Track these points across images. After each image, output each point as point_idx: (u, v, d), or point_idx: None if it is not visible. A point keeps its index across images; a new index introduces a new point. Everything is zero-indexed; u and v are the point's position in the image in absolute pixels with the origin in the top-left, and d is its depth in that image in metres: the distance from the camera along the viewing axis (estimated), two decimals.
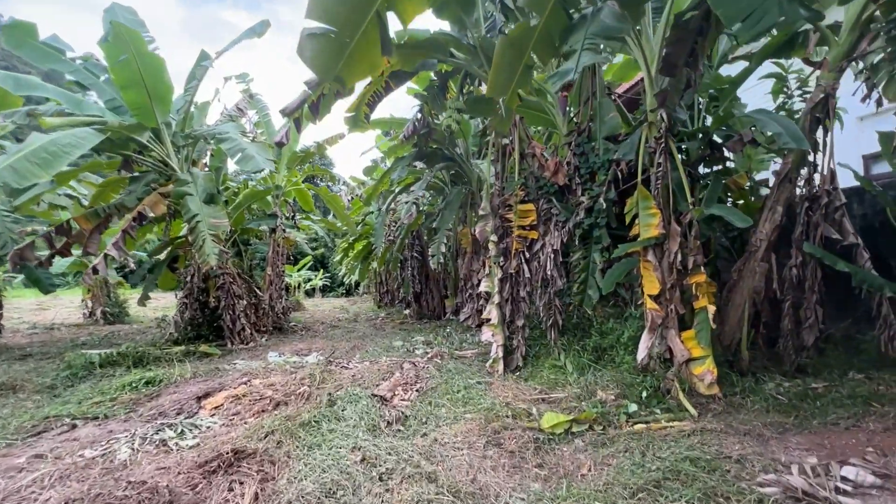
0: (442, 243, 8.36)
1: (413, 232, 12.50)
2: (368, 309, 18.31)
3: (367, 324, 12.65)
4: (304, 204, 12.33)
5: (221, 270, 8.10)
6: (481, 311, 9.94)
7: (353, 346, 8.34)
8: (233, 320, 8.20)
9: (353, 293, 29.60)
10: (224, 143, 6.54)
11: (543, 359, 5.22)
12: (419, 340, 8.27)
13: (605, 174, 5.11)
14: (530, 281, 5.43)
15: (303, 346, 8.42)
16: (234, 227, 10.28)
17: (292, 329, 10.33)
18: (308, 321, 13.59)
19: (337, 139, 9.94)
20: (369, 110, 7.29)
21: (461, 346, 7.11)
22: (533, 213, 5.31)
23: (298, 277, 21.83)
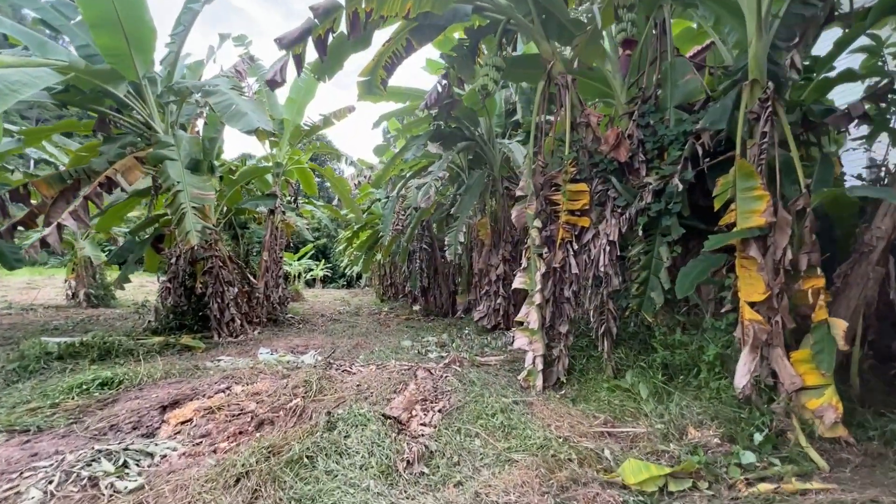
0: (461, 232, 7.37)
1: (423, 222, 11.52)
2: (371, 302, 17.37)
3: (371, 319, 11.70)
4: (306, 186, 11.34)
5: (209, 253, 7.13)
6: (499, 309, 8.99)
7: (355, 345, 7.37)
8: (221, 309, 7.24)
9: (354, 285, 28.67)
10: (212, 97, 5.54)
11: (593, 375, 4.24)
12: (431, 341, 7.29)
13: (680, 149, 4.10)
14: (577, 278, 4.44)
15: (299, 341, 7.46)
16: (229, 205, 9.31)
17: (289, 321, 9.38)
18: (307, 313, 12.65)
19: (346, 112, 8.94)
20: (386, 74, 6.27)
21: (482, 351, 6.13)
22: (586, 195, 4.32)
23: (299, 266, 20.89)
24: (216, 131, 8.26)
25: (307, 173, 10.89)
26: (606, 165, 4.37)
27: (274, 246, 9.28)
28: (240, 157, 9.98)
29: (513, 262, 8.97)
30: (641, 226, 4.24)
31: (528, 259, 4.59)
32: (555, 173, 4.47)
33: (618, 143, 4.28)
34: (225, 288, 7.27)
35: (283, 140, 9.31)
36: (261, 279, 8.75)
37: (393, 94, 8.14)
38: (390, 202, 9.80)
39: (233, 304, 7.35)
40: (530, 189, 4.51)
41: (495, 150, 8.77)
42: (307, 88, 9.39)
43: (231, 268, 7.70)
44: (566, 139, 4.46)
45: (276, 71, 4.36)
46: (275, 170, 9.51)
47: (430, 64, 8.75)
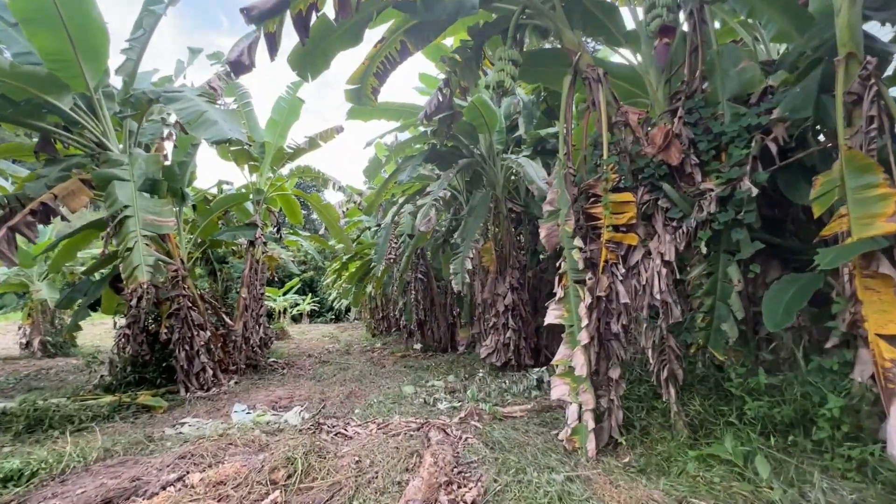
0: (467, 258, 6.52)
1: (417, 250, 10.67)
2: (362, 338, 16.25)
3: (363, 358, 10.62)
4: (290, 215, 10.44)
5: (176, 292, 6.12)
6: (508, 344, 8.03)
7: (349, 394, 6.32)
8: (189, 358, 6.16)
9: (343, 319, 27.43)
10: (175, 104, 4.68)
11: (659, 433, 3.31)
12: (438, 387, 6.29)
13: (746, 147, 3.37)
14: (627, 309, 3.59)
15: (283, 392, 6.38)
16: (204, 237, 8.34)
17: (271, 367, 8.27)
18: (292, 353, 11.50)
19: (333, 133, 8.21)
20: (378, 83, 5.56)
21: (502, 399, 5.15)
22: (632, 206, 3.53)
23: (284, 302, 19.67)
24: (187, 155, 7.39)
25: (291, 201, 10.02)
26: (654, 170, 3.60)
27: (254, 281, 8.28)
28: (216, 185, 9.08)
29: (521, 290, 8.12)
30: (703, 242, 3.44)
31: (563, 288, 3.73)
32: (592, 182, 3.68)
33: (667, 143, 3.53)
34: (194, 332, 6.22)
35: (264, 164, 8.48)
36: (239, 320, 7.70)
37: (385, 110, 7.44)
38: (383, 229, 8.95)
39: (203, 351, 6.28)
40: (564, 202, 3.70)
41: (497, 169, 8.06)
42: (291, 108, 8.67)
43: (203, 308, 6.66)
44: (603, 141, 3.71)
45: (241, 50, 3.52)
46: (255, 197, 8.63)
47: (423, 79, 8.13)
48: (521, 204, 8.36)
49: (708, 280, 3.54)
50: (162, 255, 4.79)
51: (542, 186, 5.51)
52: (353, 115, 7.42)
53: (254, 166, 8.24)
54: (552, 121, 8.18)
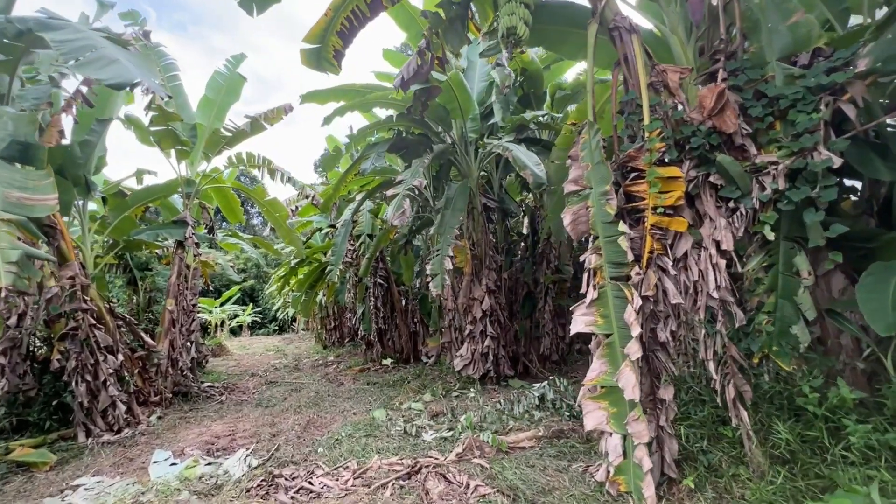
0: (447, 258, 5.62)
1: (378, 252, 9.64)
2: (311, 350, 14.81)
3: (317, 374, 9.38)
4: (229, 213, 8.99)
5: (73, 305, 4.68)
6: (487, 354, 7.21)
7: (306, 424, 5.19)
8: (92, 392, 4.73)
9: (288, 330, 25.47)
10: (53, 33, 3.36)
11: (730, 469, 2.60)
12: (416, 409, 5.31)
13: (814, 111, 2.78)
14: (676, 312, 2.88)
15: (221, 427, 5.10)
16: (117, 238, 6.79)
17: (206, 393, 6.85)
18: (232, 374, 9.96)
19: (281, 114, 6.98)
20: (342, 44, 4.57)
21: (503, 425, 4.27)
22: (680, 184, 2.84)
23: (221, 313, 17.63)
24: (92, 133, 5.90)
25: (229, 196, 8.60)
26: (704, 140, 2.93)
27: (184, 290, 6.84)
28: (135, 174, 7.53)
29: (498, 293, 7.37)
30: (767, 226, 2.80)
31: (597, 287, 2.95)
32: (633, 153, 2.95)
33: (721, 106, 2.87)
34: (99, 357, 4.80)
35: (195, 150, 7.08)
36: (163, 338, 6.25)
37: (345, 91, 6.36)
38: (342, 227, 7.83)
39: (113, 380, 4.87)
40: (600, 177, 2.92)
41: (470, 159, 7.27)
42: (230, 86, 7.35)
43: (112, 326, 5.23)
44: (643, 103, 2.99)
45: None
46: (185, 190, 7.19)
47: (389, 57, 7.16)
48: (494, 199, 7.63)
49: (768, 274, 2.91)
50: (46, 253, 3.45)
51: (536, 172, 4.77)
52: (308, 97, 6.31)
53: (182, 152, 6.83)
54: (527, 109, 7.55)
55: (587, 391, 3.12)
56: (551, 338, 7.97)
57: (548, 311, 7.90)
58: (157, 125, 6.35)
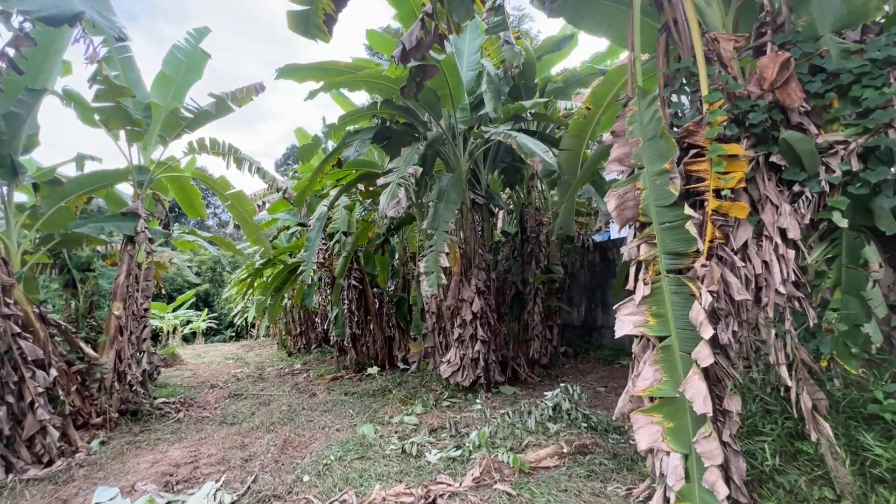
0: (441, 254, 5.11)
1: (354, 251, 9.00)
2: (275, 357, 13.83)
3: (285, 384, 8.60)
4: (187, 207, 8.05)
5: None
6: (477, 359, 6.75)
7: (283, 444, 4.51)
8: (15, 416, 3.85)
9: (245, 336, 24.00)
10: None
11: (815, 493, 2.25)
12: (410, 423, 4.75)
13: (885, 87, 2.52)
14: (739, 309, 2.52)
15: (180, 453, 4.32)
16: (49, 231, 5.79)
17: (159, 410, 5.95)
18: (188, 385, 8.96)
19: (251, 94, 6.19)
20: (334, 7, 4.00)
21: (518, 441, 3.78)
22: (742, 164, 2.49)
23: (174, 319, 16.19)
24: (21, 105, 4.96)
25: (188, 187, 7.69)
26: (765, 115, 2.60)
27: (133, 293, 5.93)
28: (74, 159, 6.53)
29: (487, 294, 6.95)
30: (835, 212, 2.51)
31: (648, 281, 2.54)
32: (692, 126, 2.57)
33: (786, 78, 2.55)
34: (25, 373, 3.93)
35: (150, 132, 6.20)
36: (108, 348, 5.33)
37: (327, 69, 5.73)
38: (318, 221, 7.14)
39: (42, 401, 4.00)
40: (656, 153, 2.52)
41: (460, 151, 6.82)
42: (190, 63, 6.53)
43: (44, 335, 4.33)
44: (700, 73, 2.63)
45: None
46: (137, 178, 6.27)
47: (372, 38, 6.56)
48: (482, 194, 7.21)
49: (831, 267, 2.62)
50: None
51: (546, 159, 4.37)
52: (284, 73, 5.63)
53: (134, 133, 5.93)
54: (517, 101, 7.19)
55: (629, 402, 2.72)
56: (541, 341, 7.63)
57: (537, 313, 7.55)
58: (104, 101, 5.46)
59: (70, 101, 6.09)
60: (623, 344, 8.54)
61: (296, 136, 10.70)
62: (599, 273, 9.06)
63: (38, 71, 5.36)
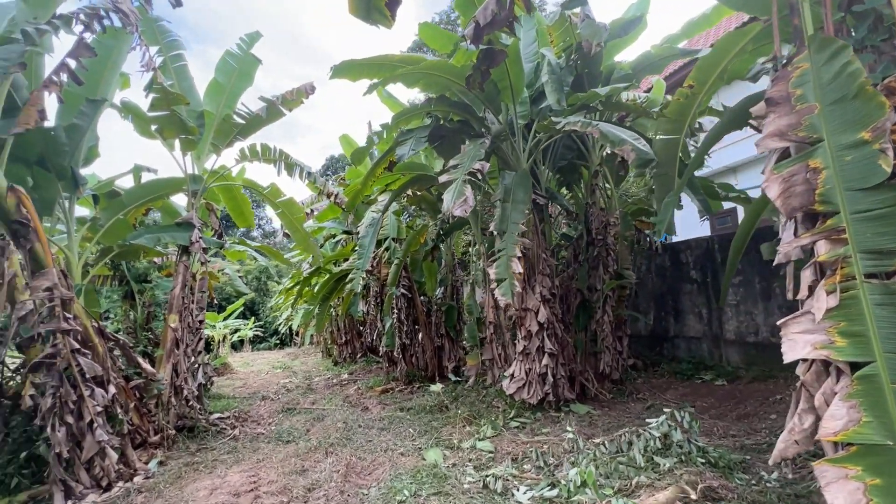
0: (514, 259, 4.62)
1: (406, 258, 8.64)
2: (321, 367, 13.72)
3: (336, 397, 8.31)
4: (237, 216, 7.98)
5: (51, 326, 3.63)
6: (545, 374, 6.15)
7: (346, 471, 4.11)
8: (74, 437, 3.66)
9: (289, 344, 24.37)
10: None
11: None
12: (483, 451, 4.24)
13: None
14: None
15: (239, 478, 4.02)
16: (109, 242, 5.75)
17: (215, 427, 5.75)
18: (240, 396, 8.86)
19: (302, 95, 5.97)
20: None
21: (619, 474, 3.20)
22: None
23: (224, 329, 16.49)
24: (82, 116, 4.90)
25: (239, 196, 7.60)
26: None
27: (189, 305, 5.79)
28: (132, 171, 6.52)
29: (553, 302, 6.36)
30: None
31: (834, 290, 1.93)
32: (894, 81, 1.96)
33: None
34: (84, 391, 3.73)
35: (203, 141, 6.09)
36: (165, 362, 5.17)
37: (381, 65, 5.39)
38: (370, 227, 6.82)
39: (101, 421, 3.80)
40: (854, 119, 1.91)
41: (519, 147, 6.32)
42: (242, 69, 6.40)
43: (103, 351, 4.17)
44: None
45: None
46: (191, 187, 6.18)
47: (425, 32, 6.18)
48: (543, 194, 6.64)
49: None
50: None
51: (639, 147, 3.79)
52: (339, 71, 5.34)
53: (188, 142, 5.83)
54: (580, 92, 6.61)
55: (794, 444, 2.11)
56: (612, 353, 6.94)
57: (607, 323, 6.87)
58: (159, 109, 5.37)
59: (128, 113, 6.08)
60: (702, 357, 7.69)
61: (341, 144, 10.54)
62: (670, 278, 8.25)
63: (97, 82, 5.33)
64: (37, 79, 4.77)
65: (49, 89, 4.36)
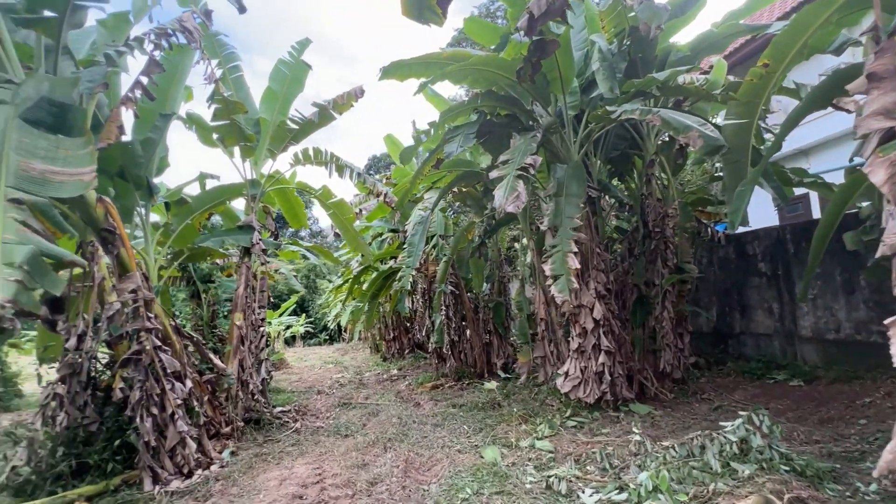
0: (570, 254, 4.50)
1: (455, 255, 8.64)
2: (370, 362, 14.05)
3: (388, 392, 8.46)
4: (291, 217, 8.30)
5: (136, 325, 3.93)
6: (602, 372, 5.98)
7: (405, 465, 4.18)
8: (158, 427, 3.95)
9: (337, 340, 25.17)
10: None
11: None
12: (543, 450, 4.17)
13: None
14: None
15: (304, 470, 4.19)
16: (179, 247, 6.16)
17: (278, 419, 6.03)
18: (298, 390, 9.25)
19: (352, 99, 6.13)
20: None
21: (692, 479, 3.03)
22: None
23: (279, 325, 17.28)
24: (155, 130, 5.26)
25: (293, 198, 7.90)
26: None
27: (251, 303, 6.10)
28: (197, 178, 6.93)
29: (609, 298, 6.15)
30: None
31: None
32: None
33: None
34: (166, 385, 4.03)
35: (259, 147, 6.37)
36: (232, 358, 5.49)
37: (429, 63, 5.39)
38: (419, 225, 6.88)
39: (181, 412, 4.08)
40: None
41: (569, 139, 6.13)
42: (294, 76, 6.62)
43: (179, 347, 4.47)
44: None
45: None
46: (250, 192, 6.49)
47: (471, 28, 6.11)
48: (595, 186, 6.41)
49: None
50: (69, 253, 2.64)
51: (707, 133, 3.56)
52: (388, 72, 5.39)
53: (247, 149, 6.13)
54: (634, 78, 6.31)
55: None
56: (672, 351, 6.61)
57: (667, 319, 6.54)
58: (220, 119, 5.67)
59: (192, 124, 6.46)
60: (773, 355, 7.16)
61: (385, 143, 10.71)
62: (735, 271, 7.74)
63: (165, 97, 5.69)
64: (114, 96, 5.15)
65: (126, 106, 4.69)
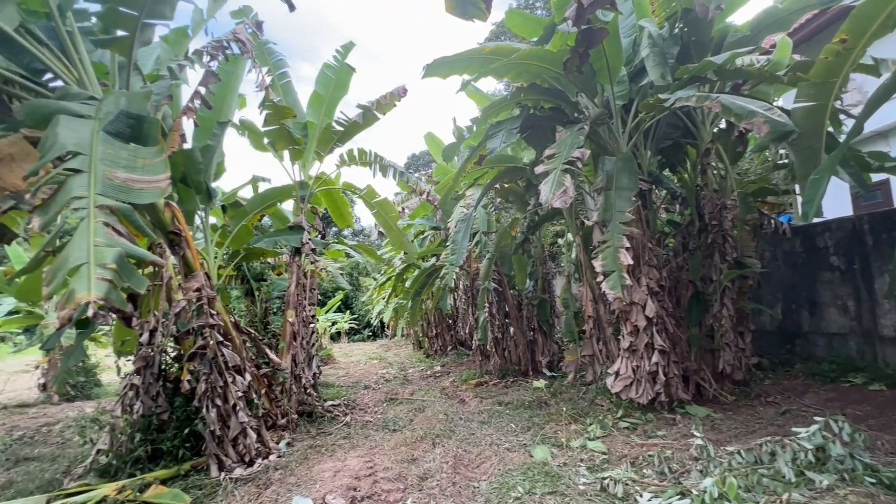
0: (621, 249, 4.34)
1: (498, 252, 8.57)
2: (413, 358, 14.22)
3: (432, 389, 8.54)
4: (337, 217, 8.54)
5: (201, 321, 4.19)
6: (655, 372, 5.74)
7: (454, 462, 4.20)
8: (223, 417, 4.20)
9: (380, 336, 25.68)
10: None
11: None
12: (596, 451, 4.06)
13: None
14: None
15: (356, 462, 4.30)
16: (235, 247, 6.49)
17: (329, 413, 6.23)
18: (346, 385, 9.54)
19: (394, 99, 6.22)
20: None
21: (763, 489, 2.83)
22: None
23: (325, 322, 17.87)
24: (213, 137, 5.57)
25: (339, 198, 8.12)
26: None
27: (303, 301, 6.34)
28: (250, 181, 7.27)
29: (662, 295, 5.88)
30: None
31: None
32: None
33: None
34: (228, 378, 4.26)
35: (308, 149, 6.59)
36: (286, 353, 5.73)
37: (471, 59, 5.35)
38: (463, 222, 6.87)
39: (242, 404, 4.31)
40: None
41: (618, 130, 5.90)
42: (339, 79, 6.78)
43: (239, 342, 4.72)
44: None
45: None
46: (299, 193, 6.73)
47: (512, 20, 6.01)
48: (646, 179, 6.13)
49: None
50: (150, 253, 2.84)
51: (774, 119, 3.30)
52: (431, 69, 5.40)
53: (296, 152, 6.36)
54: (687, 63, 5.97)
55: None
56: (732, 351, 6.23)
57: (727, 317, 6.16)
58: (271, 124, 5.91)
59: (244, 130, 6.78)
60: (849, 356, 6.58)
61: (425, 142, 10.76)
62: (802, 265, 7.18)
63: (221, 105, 6.00)
64: (176, 107, 5.49)
65: (187, 115, 4.98)
